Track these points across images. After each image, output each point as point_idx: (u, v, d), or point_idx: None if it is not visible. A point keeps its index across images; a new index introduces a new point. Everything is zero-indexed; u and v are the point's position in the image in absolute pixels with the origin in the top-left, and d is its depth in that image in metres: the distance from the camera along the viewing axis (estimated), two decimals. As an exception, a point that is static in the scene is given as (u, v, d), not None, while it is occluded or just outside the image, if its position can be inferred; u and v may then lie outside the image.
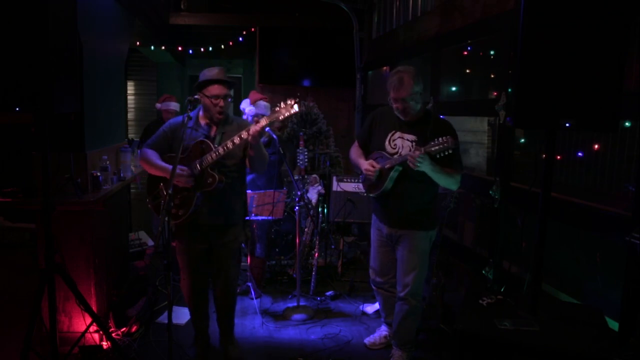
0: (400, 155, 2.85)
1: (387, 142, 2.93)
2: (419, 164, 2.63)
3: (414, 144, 2.84)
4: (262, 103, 4.38)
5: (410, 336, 3.09)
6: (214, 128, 2.93)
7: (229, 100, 2.90)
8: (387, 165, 2.84)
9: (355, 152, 3.14)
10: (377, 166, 2.89)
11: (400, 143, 2.89)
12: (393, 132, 2.92)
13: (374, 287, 3.33)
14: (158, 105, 5.41)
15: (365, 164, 2.94)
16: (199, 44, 7.02)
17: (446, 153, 2.61)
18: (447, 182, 2.78)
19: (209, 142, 2.82)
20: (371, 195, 3.03)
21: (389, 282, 3.18)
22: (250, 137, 2.70)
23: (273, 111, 2.68)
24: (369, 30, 6.19)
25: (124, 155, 3.93)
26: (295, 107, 2.63)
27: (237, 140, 2.72)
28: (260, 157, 2.88)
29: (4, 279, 2.99)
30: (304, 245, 4.52)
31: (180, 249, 3.00)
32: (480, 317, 2.29)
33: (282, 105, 2.66)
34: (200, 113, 2.96)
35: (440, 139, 2.61)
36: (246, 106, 4.40)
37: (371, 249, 3.26)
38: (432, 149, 2.62)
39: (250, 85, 7.95)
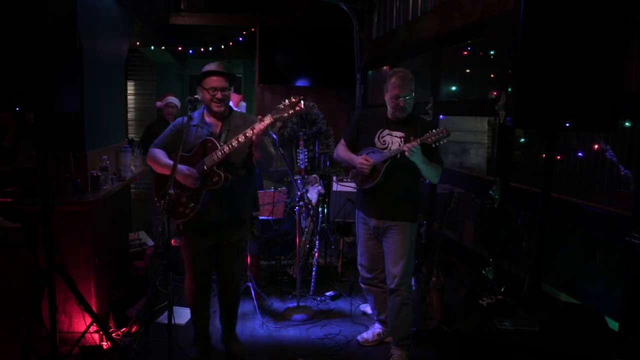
0: (390, 150, 3.03)
1: (376, 139, 3.12)
2: (413, 153, 2.81)
3: (402, 139, 3.03)
4: (243, 104, 4.46)
5: (408, 331, 3.13)
6: (220, 125, 2.93)
7: (227, 93, 2.90)
8: (382, 159, 3.02)
9: (343, 150, 3.31)
10: (371, 161, 3.04)
11: (390, 139, 3.08)
12: (382, 129, 3.12)
13: (363, 286, 3.42)
14: (158, 103, 5.43)
15: (359, 159, 3.09)
16: (199, 44, 7.02)
17: (442, 142, 2.81)
18: (432, 173, 2.98)
19: (214, 140, 2.81)
20: (364, 187, 3.15)
21: (377, 277, 3.30)
22: (254, 136, 2.69)
23: (278, 109, 2.67)
24: (369, 30, 6.18)
25: (124, 155, 3.93)
26: (302, 104, 2.65)
27: (242, 138, 2.70)
28: (266, 157, 2.88)
29: (4, 279, 2.99)
30: (304, 245, 4.52)
31: (186, 245, 2.98)
32: (480, 317, 2.28)
33: (287, 102, 2.65)
34: (205, 110, 2.96)
35: (434, 130, 2.81)
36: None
37: (358, 246, 3.38)
38: (429, 139, 2.79)
39: (251, 85, 7.94)
